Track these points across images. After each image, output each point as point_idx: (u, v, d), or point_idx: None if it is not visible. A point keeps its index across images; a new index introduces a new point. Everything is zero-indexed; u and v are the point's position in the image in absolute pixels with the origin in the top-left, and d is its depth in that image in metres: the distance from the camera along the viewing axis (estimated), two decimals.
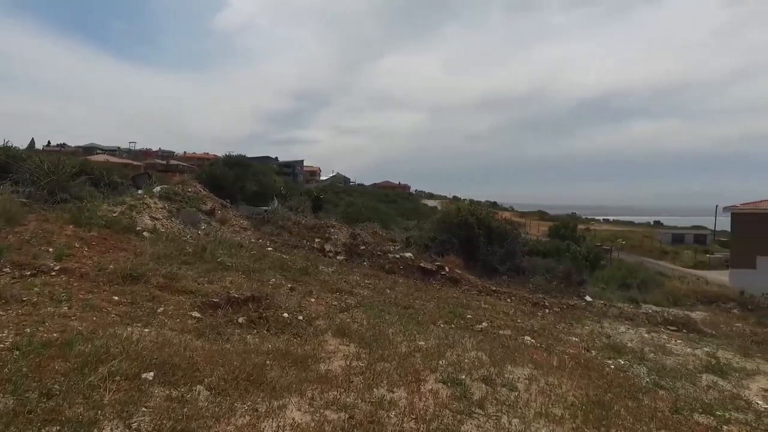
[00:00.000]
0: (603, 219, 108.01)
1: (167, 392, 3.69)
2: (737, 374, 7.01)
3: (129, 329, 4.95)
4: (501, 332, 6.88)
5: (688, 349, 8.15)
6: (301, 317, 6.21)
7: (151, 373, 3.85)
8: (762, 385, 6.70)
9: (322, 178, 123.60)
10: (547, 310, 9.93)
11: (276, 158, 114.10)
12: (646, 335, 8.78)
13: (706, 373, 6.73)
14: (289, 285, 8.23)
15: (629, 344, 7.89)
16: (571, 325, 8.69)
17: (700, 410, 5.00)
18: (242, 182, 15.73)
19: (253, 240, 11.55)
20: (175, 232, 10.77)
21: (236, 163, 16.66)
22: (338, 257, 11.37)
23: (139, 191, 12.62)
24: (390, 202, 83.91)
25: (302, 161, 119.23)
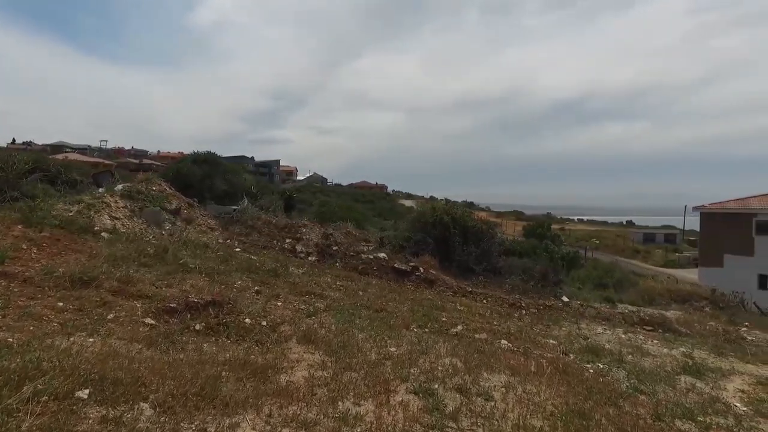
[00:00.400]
0: (577, 219, 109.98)
1: (104, 412, 3.27)
2: (713, 375, 6.90)
3: (70, 339, 4.50)
4: (477, 336, 6.61)
5: (665, 350, 8.05)
6: (264, 323, 5.82)
7: (87, 391, 3.42)
8: (737, 386, 6.61)
9: (299, 178, 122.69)
10: (523, 311, 9.74)
11: (252, 158, 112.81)
12: (623, 336, 8.66)
13: (683, 375, 6.59)
14: (256, 288, 7.81)
15: (607, 345, 7.73)
16: (549, 327, 8.50)
17: (681, 416, 4.82)
18: (211, 181, 15.08)
19: (220, 240, 11.05)
20: (136, 233, 10.21)
21: (204, 161, 15.98)
22: (310, 258, 10.97)
23: (100, 189, 11.97)
24: (367, 202, 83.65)
25: (278, 161, 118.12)
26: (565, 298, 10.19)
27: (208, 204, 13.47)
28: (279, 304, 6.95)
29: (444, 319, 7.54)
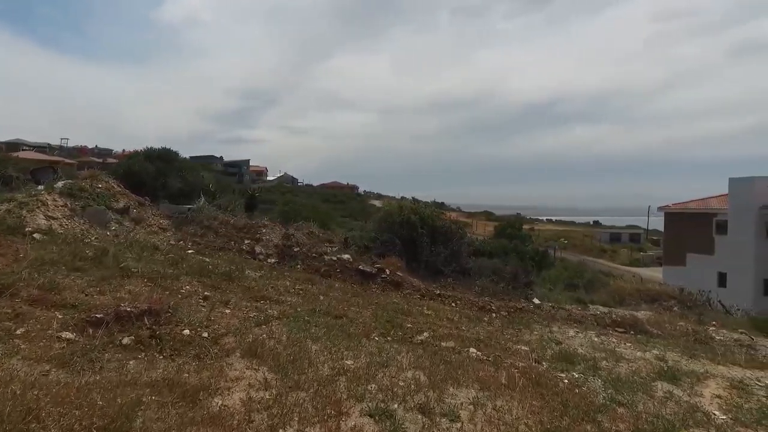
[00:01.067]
0: (546, 219, 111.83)
1: None
2: (689, 379, 6.61)
3: None
4: (443, 344, 6.10)
5: (638, 353, 7.76)
6: (206, 334, 5.16)
7: None
8: (713, 391, 6.33)
9: (269, 178, 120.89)
10: (493, 314, 9.33)
11: (221, 158, 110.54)
12: (595, 339, 8.33)
13: (659, 381, 6.26)
14: (205, 293, 7.12)
15: (580, 350, 7.37)
16: (519, 331, 8.09)
17: (663, 430, 4.43)
18: (165, 178, 14.08)
19: (172, 242, 10.25)
20: (76, 234, 9.33)
21: (159, 157, 14.94)
22: (269, 260, 10.28)
23: (39, 187, 10.98)
24: (338, 202, 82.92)
25: (248, 161, 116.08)
26: (536, 300, 9.84)
27: (161, 203, 12.58)
28: (227, 311, 6.28)
29: (409, 325, 7.01)
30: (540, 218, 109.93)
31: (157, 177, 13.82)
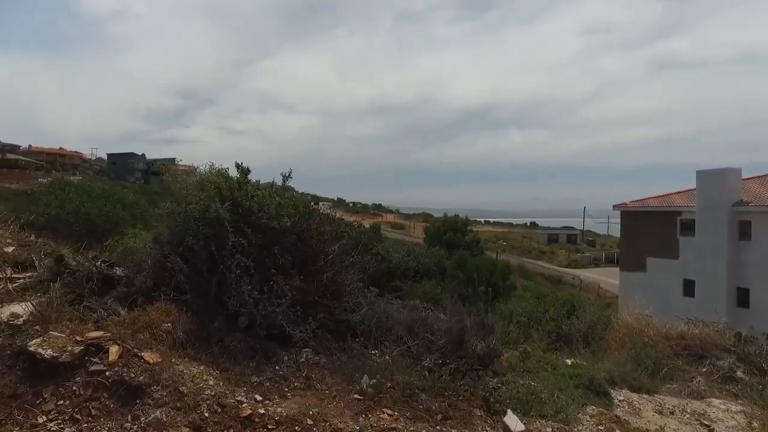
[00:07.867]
0: (484, 221, 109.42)
1: None
2: None
3: None
4: None
5: None
6: None
7: None
8: None
9: None
10: None
11: (143, 155, 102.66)
12: None
13: None
14: None
15: None
16: None
17: None
18: None
19: None
20: None
21: None
22: None
23: None
24: None
25: (173, 159, 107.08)
26: (510, 420, 3.71)
27: None
28: None
29: None
30: (478, 220, 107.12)
31: None
